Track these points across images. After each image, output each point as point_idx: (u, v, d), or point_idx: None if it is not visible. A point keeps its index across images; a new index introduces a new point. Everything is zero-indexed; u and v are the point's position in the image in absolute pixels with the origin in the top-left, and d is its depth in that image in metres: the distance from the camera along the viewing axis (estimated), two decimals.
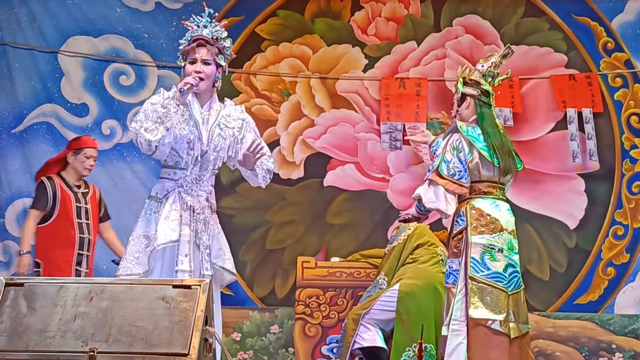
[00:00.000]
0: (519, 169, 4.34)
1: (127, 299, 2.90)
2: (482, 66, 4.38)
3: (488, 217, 4.18)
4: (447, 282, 4.23)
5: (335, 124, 6.21)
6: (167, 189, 3.72)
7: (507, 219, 4.20)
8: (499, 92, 5.82)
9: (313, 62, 6.30)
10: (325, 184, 6.18)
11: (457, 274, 4.14)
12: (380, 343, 4.70)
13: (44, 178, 5.26)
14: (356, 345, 4.73)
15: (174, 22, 6.21)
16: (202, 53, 3.75)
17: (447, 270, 4.24)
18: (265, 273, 6.12)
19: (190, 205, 3.71)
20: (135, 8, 6.25)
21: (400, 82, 6.17)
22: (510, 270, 4.13)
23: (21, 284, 2.95)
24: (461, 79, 4.35)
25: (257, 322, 5.97)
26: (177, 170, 3.74)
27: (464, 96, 4.33)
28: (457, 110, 4.33)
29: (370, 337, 4.70)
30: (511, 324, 4.05)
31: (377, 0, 6.32)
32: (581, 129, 5.99)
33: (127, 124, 6.16)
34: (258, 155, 3.76)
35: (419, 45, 6.27)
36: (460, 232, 4.17)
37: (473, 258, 4.09)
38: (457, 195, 4.22)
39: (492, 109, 4.34)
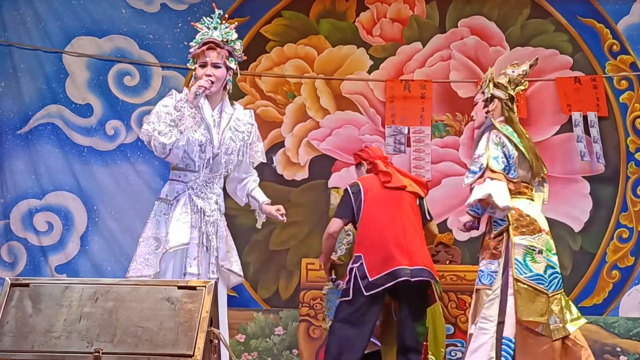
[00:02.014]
0: (545, 173, 4.37)
1: (133, 300, 2.90)
2: (512, 72, 4.38)
3: (527, 218, 4.17)
4: (482, 284, 4.18)
5: (340, 126, 6.21)
6: (178, 191, 3.72)
7: (543, 219, 4.22)
8: (521, 102, 5.87)
9: (318, 63, 6.30)
10: (329, 186, 6.18)
11: (496, 275, 4.11)
12: None
13: None
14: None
15: (179, 23, 6.22)
16: (212, 56, 3.75)
17: (483, 271, 4.19)
18: (269, 274, 6.11)
19: (201, 208, 3.72)
20: (140, 9, 6.25)
21: (405, 84, 6.16)
22: (550, 271, 4.14)
23: (26, 284, 2.96)
24: (492, 81, 4.33)
25: (261, 324, 5.97)
26: (188, 172, 3.74)
27: (491, 98, 4.32)
28: (488, 111, 4.31)
29: None
30: (553, 326, 4.06)
31: (382, 1, 6.31)
32: (586, 132, 5.98)
33: (132, 125, 6.17)
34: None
35: (424, 46, 6.27)
36: (501, 233, 4.14)
37: (516, 259, 4.08)
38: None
39: (515, 115, 4.35)
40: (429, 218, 4.84)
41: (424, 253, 4.58)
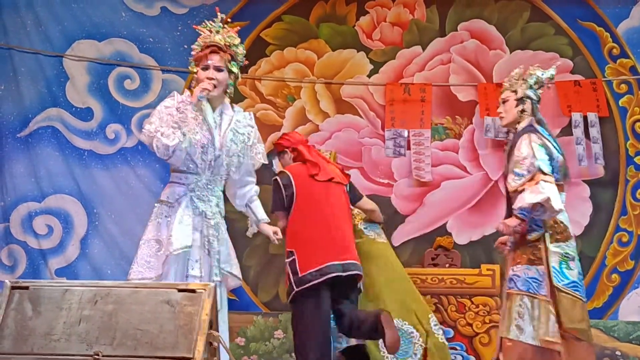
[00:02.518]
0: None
1: (132, 303, 2.90)
2: (542, 74, 4.36)
3: (561, 225, 4.17)
4: (517, 289, 4.15)
5: (340, 129, 6.22)
6: (179, 194, 3.72)
7: (570, 225, 4.21)
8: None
9: (318, 67, 6.31)
10: None
11: (534, 281, 4.09)
12: None
13: None
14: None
15: (179, 27, 6.22)
16: (215, 59, 3.76)
17: (520, 276, 4.15)
18: (269, 278, 6.11)
19: (202, 211, 3.72)
20: (140, 12, 6.26)
21: (405, 87, 6.17)
22: (580, 277, 4.16)
23: (26, 287, 2.95)
24: (526, 81, 4.30)
25: (261, 327, 5.96)
26: (189, 175, 3.74)
27: (523, 98, 4.30)
28: (523, 110, 4.29)
29: None
30: (589, 332, 4.11)
31: (382, 5, 6.32)
32: (586, 134, 5.98)
33: (132, 129, 6.18)
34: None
35: (424, 50, 6.27)
36: (537, 239, 4.13)
37: (554, 267, 4.08)
38: None
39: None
40: (359, 197, 4.90)
41: (352, 246, 4.63)
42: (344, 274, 4.47)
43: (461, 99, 6.21)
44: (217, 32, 3.84)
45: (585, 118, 5.98)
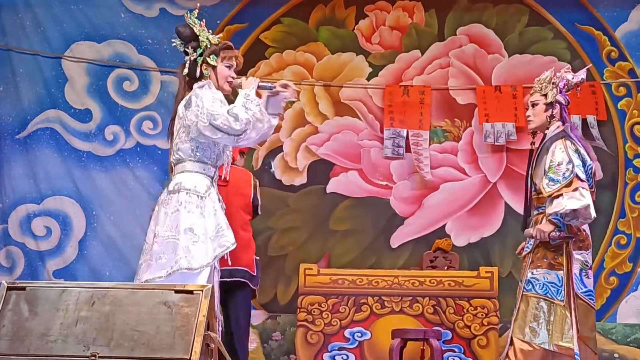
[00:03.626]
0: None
1: (129, 304, 2.89)
2: (572, 78, 4.32)
3: (584, 233, 4.18)
4: (534, 291, 4.13)
5: (339, 131, 6.22)
6: (207, 185, 3.66)
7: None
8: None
9: (317, 69, 6.31)
10: (328, 191, 6.18)
11: (552, 286, 4.08)
12: None
13: None
14: None
15: None
16: (238, 63, 3.87)
17: (539, 279, 4.12)
18: (267, 280, 6.11)
19: (222, 204, 3.73)
20: (139, 14, 6.27)
21: (404, 90, 6.17)
22: (593, 287, 4.18)
23: (23, 288, 2.95)
24: (556, 85, 4.28)
25: (259, 329, 5.96)
26: (211, 166, 3.71)
27: (553, 103, 4.28)
28: (552, 115, 4.27)
29: None
30: (596, 341, 4.14)
31: (382, 9, 6.32)
32: (585, 136, 5.98)
33: (131, 130, 6.18)
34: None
35: (422, 54, 6.28)
36: (560, 245, 4.12)
37: (575, 274, 4.09)
38: None
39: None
40: (257, 202, 4.95)
41: (247, 252, 4.75)
42: (229, 279, 4.62)
43: (460, 102, 6.22)
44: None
45: (584, 121, 5.99)
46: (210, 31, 3.91)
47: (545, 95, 4.30)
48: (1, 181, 6.09)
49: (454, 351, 5.43)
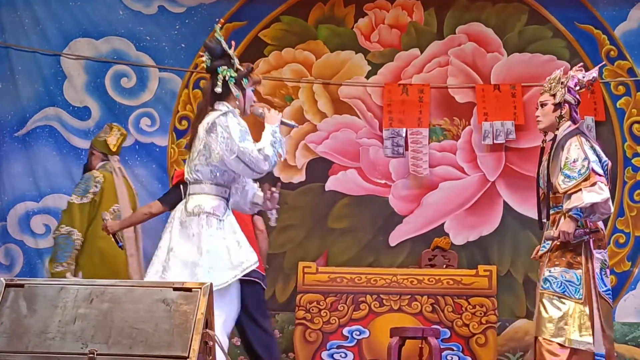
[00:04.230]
0: None
1: (128, 301, 2.89)
2: (583, 77, 4.29)
3: (602, 232, 4.16)
4: (552, 290, 4.10)
5: (338, 129, 6.22)
6: (225, 208, 3.75)
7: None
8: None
9: (316, 67, 6.31)
10: (326, 189, 6.18)
11: (570, 285, 4.07)
12: None
13: None
14: None
15: (177, 25, 6.23)
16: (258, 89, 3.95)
17: (557, 278, 4.10)
18: (266, 278, 6.10)
19: (236, 223, 3.80)
20: (137, 11, 6.26)
21: (403, 88, 6.17)
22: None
23: (21, 285, 2.95)
24: (565, 85, 4.24)
25: None
26: (227, 189, 3.79)
27: (561, 103, 4.25)
28: (561, 115, 4.25)
29: None
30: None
31: (381, 8, 6.32)
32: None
33: (129, 127, 6.18)
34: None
35: (422, 52, 6.28)
36: (580, 244, 4.11)
37: (597, 273, 4.08)
38: None
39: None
40: None
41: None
42: None
43: (459, 101, 6.22)
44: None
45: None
46: (232, 49, 3.88)
47: (554, 95, 4.28)
48: (0, 179, 6.09)
49: (453, 349, 5.44)
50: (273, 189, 3.93)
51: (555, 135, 4.28)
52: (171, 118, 6.24)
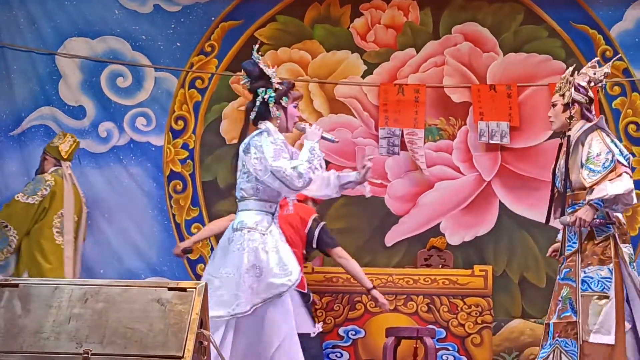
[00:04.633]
0: None
1: (122, 301, 2.89)
2: (594, 74, 4.27)
3: (624, 227, 4.16)
4: (592, 290, 4.07)
5: (334, 128, 6.21)
6: (268, 222, 3.80)
7: None
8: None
9: (312, 67, 6.30)
10: None
11: (607, 281, 4.05)
12: None
13: None
14: None
15: (172, 25, 6.22)
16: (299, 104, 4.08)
17: (593, 277, 4.08)
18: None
19: (282, 237, 3.86)
20: (133, 10, 6.24)
21: (399, 88, 6.17)
22: None
23: (16, 285, 2.94)
24: (573, 84, 4.22)
25: None
26: (272, 203, 3.84)
27: (571, 102, 4.23)
28: (571, 116, 4.23)
29: None
30: None
31: (377, 8, 6.32)
32: None
33: (125, 127, 6.17)
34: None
35: (417, 52, 6.27)
36: (606, 239, 4.10)
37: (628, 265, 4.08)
38: None
39: (594, 117, 4.27)
40: None
41: None
42: None
43: (455, 101, 6.22)
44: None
45: None
46: (271, 68, 3.93)
47: (563, 96, 4.27)
48: None
49: (448, 349, 5.44)
50: (367, 160, 4.02)
51: (569, 136, 4.24)
52: (167, 118, 6.23)
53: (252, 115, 3.87)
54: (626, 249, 4.13)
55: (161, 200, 6.14)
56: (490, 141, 6.04)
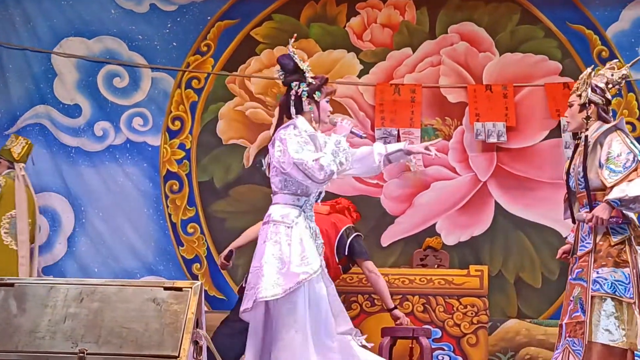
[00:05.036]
0: None
1: (118, 301, 2.89)
2: (612, 75, 4.24)
3: (639, 229, 4.14)
4: (603, 291, 4.02)
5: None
6: (295, 215, 3.79)
7: None
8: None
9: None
10: None
11: (620, 284, 4.02)
12: None
13: None
14: None
15: (169, 24, 6.21)
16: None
17: (607, 279, 4.01)
18: None
19: (314, 231, 3.84)
20: (129, 9, 6.24)
21: (395, 88, 6.17)
22: None
23: (11, 284, 2.94)
24: (590, 85, 4.18)
25: None
26: (302, 197, 3.82)
27: (588, 103, 4.21)
28: (588, 116, 4.21)
29: None
30: None
31: (373, 7, 6.32)
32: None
33: (121, 126, 6.17)
34: None
35: (414, 51, 6.28)
36: (622, 242, 4.09)
37: None
38: None
39: (611, 118, 4.27)
40: None
41: None
42: None
43: (451, 101, 6.22)
44: None
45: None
46: (305, 63, 3.94)
47: (579, 96, 4.26)
48: None
49: (444, 349, 5.44)
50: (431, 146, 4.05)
51: (586, 136, 4.22)
52: (164, 118, 6.22)
53: (292, 110, 3.87)
54: None
55: (157, 200, 6.13)
56: (488, 140, 6.04)
